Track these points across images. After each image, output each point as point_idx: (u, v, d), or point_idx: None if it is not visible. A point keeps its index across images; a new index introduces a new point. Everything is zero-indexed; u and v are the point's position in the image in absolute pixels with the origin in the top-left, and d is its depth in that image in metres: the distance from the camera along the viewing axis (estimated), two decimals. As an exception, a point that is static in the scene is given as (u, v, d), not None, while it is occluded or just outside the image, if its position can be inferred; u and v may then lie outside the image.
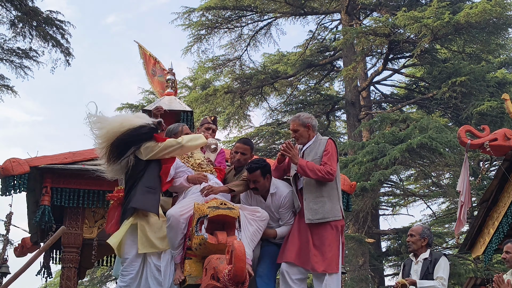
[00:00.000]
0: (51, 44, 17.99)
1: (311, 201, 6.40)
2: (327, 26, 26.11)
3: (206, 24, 24.47)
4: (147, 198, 6.21)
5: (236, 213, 5.98)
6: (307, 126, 6.73)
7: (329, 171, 6.34)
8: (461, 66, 19.97)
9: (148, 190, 6.26)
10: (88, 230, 8.76)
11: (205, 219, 5.89)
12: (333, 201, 6.41)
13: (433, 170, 19.59)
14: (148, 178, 6.29)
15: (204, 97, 24.04)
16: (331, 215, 6.34)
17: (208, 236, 5.83)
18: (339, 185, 6.60)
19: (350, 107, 22.38)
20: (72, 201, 8.49)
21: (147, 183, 6.27)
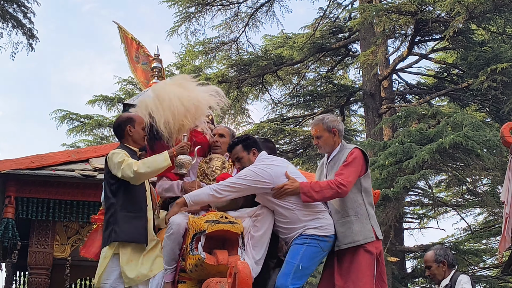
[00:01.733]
0: (11, 24, 18.04)
1: (337, 223, 6.46)
2: (340, 2, 26.11)
3: (196, 0, 24.49)
4: (132, 225, 6.22)
5: (239, 228, 6.01)
6: (332, 132, 6.77)
7: (341, 182, 6.36)
8: (502, 50, 19.97)
9: (132, 215, 6.26)
10: (59, 248, 8.83)
11: (202, 235, 5.92)
12: (362, 220, 6.45)
13: (469, 175, 19.62)
14: (129, 200, 6.32)
15: (193, 87, 24.05)
16: (361, 236, 6.39)
17: (206, 256, 5.87)
18: (369, 201, 6.63)
19: (368, 99, 22.41)
20: (41, 213, 8.55)
21: (129, 205, 6.29)
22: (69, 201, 8.55)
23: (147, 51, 10.84)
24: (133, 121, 6.72)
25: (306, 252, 6.26)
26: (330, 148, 6.77)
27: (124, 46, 11.04)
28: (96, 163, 8.80)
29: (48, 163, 8.63)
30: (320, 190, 6.34)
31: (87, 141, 29.04)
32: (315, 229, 6.33)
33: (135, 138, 6.71)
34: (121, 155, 6.39)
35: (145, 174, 6.27)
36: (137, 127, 6.70)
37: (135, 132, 6.67)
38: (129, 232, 6.19)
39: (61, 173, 8.48)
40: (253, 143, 6.65)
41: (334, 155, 6.73)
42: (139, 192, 6.41)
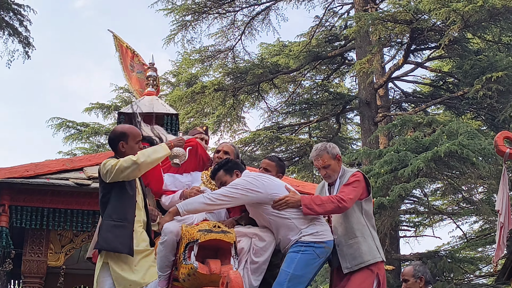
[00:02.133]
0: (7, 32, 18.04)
1: (344, 246, 6.49)
2: (336, 11, 26.22)
3: (192, 9, 24.53)
4: (114, 234, 6.10)
5: (231, 238, 6.01)
6: (337, 158, 6.83)
7: (341, 197, 6.42)
8: (497, 59, 20.01)
9: (115, 224, 6.16)
10: (53, 257, 8.81)
11: (195, 244, 5.92)
12: (368, 240, 6.49)
13: (464, 183, 19.63)
14: (114, 207, 6.24)
15: (189, 95, 24.06)
16: (370, 256, 6.45)
17: (199, 265, 5.86)
18: (372, 223, 6.68)
19: (364, 107, 22.44)
20: (35, 222, 8.53)
21: (114, 214, 6.18)
22: (63, 210, 8.53)
23: (142, 60, 10.84)
24: (126, 137, 6.51)
25: (300, 259, 6.26)
26: (336, 174, 6.82)
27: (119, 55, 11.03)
28: (90, 172, 8.79)
29: (42, 171, 8.62)
30: (321, 204, 6.39)
31: (84, 149, 29.03)
32: (311, 236, 6.34)
33: (128, 153, 6.57)
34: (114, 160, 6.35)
35: (144, 163, 6.17)
36: (130, 142, 6.49)
37: (127, 148, 6.50)
38: (110, 241, 6.08)
39: (55, 181, 8.46)
40: (234, 166, 6.69)
41: (336, 180, 6.79)
42: (126, 202, 6.31)
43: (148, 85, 10.25)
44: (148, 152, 6.29)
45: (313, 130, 27.28)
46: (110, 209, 6.20)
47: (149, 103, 9.82)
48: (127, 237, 6.16)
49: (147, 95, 10.06)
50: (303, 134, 26.95)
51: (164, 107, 9.87)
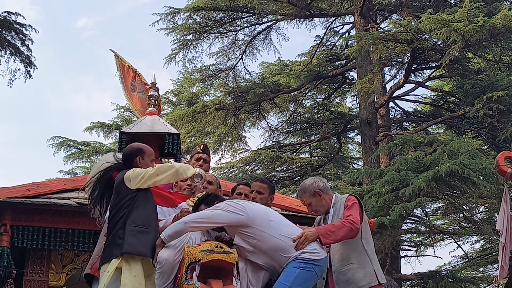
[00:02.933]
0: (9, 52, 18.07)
1: (340, 273, 6.54)
2: (337, 30, 26.31)
3: (193, 28, 24.59)
4: (139, 239, 6.20)
5: (234, 258, 6.02)
6: (317, 194, 6.89)
7: (352, 220, 6.48)
8: (498, 78, 20.03)
9: (141, 229, 6.26)
10: (54, 277, 8.80)
11: (197, 265, 5.92)
12: (365, 265, 6.51)
13: (465, 202, 19.60)
14: (139, 214, 6.32)
15: (190, 114, 24.09)
16: (365, 281, 6.47)
17: (201, 286, 5.87)
18: (370, 247, 6.70)
19: (365, 127, 22.45)
20: (36, 241, 8.52)
21: (138, 220, 6.29)
22: (64, 230, 8.53)
23: (143, 80, 10.86)
24: (143, 153, 6.74)
25: (299, 275, 6.23)
26: (325, 207, 6.89)
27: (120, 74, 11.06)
28: (92, 191, 8.79)
29: (43, 191, 8.62)
30: (335, 230, 6.45)
31: (85, 168, 29.05)
32: (310, 253, 6.33)
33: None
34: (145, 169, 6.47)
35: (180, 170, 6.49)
36: (146, 159, 6.70)
37: (143, 163, 6.65)
38: (136, 245, 6.14)
39: (56, 201, 8.47)
40: (214, 198, 6.74)
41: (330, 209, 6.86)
42: (150, 209, 6.43)
43: (150, 104, 10.27)
44: (180, 164, 6.61)
45: (314, 149, 27.30)
46: (134, 216, 6.27)
47: (150, 123, 9.84)
48: (150, 242, 6.25)
49: (149, 114, 10.08)
50: (304, 153, 26.97)
51: (165, 127, 9.88)
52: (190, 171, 6.58)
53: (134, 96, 11.08)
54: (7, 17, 17.87)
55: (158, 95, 10.43)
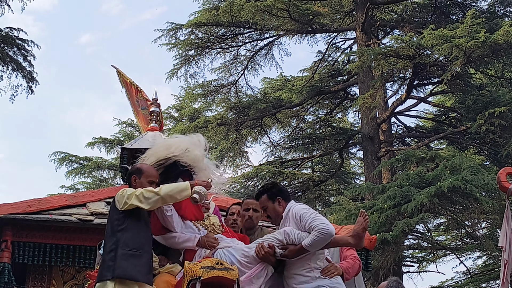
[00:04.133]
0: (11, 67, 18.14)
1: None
2: (339, 46, 26.36)
3: (195, 43, 24.66)
4: (131, 263, 6.14)
5: (234, 275, 6.02)
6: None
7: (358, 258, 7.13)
8: (500, 94, 20.06)
9: (133, 253, 6.21)
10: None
11: (197, 281, 5.92)
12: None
13: (467, 218, 19.60)
14: (131, 237, 6.29)
15: (192, 129, 24.07)
16: None
17: (202, 302, 5.87)
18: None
19: (367, 142, 22.46)
20: (37, 257, 8.50)
21: (131, 243, 6.26)
22: (65, 246, 8.51)
23: (145, 96, 10.87)
24: (141, 173, 6.67)
25: None
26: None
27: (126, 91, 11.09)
28: (93, 208, 8.80)
29: (45, 207, 8.61)
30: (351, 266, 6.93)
31: (86, 183, 29.09)
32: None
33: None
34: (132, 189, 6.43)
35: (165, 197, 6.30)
36: (142, 179, 6.61)
37: (138, 183, 6.58)
38: (127, 269, 6.09)
39: (58, 217, 8.46)
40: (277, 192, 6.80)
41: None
42: (142, 230, 6.38)
43: (152, 120, 10.28)
44: (171, 187, 6.39)
45: (316, 164, 27.31)
46: (127, 238, 6.23)
47: (152, 139, 9.84)
48: (144, 266, 6.22)
49: (150, 130, 10.09)
50: (306, 168, 26.98)
51: (167, 143, 9.88)
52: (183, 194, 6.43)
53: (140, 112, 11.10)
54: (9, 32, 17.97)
55: (160, 111, 10.44)
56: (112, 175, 29.17)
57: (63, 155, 28.34)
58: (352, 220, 17.55)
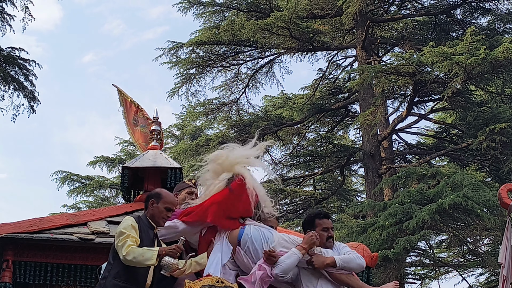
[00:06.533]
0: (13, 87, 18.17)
1: None
2: (340, 63, 26.45)
3: (196, 62, 24.72)
4: None
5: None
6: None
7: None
8: (501, 110, 20.08)
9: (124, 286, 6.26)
10: (57, 313, 8.74)
11: (198, 300, 5.93)
12: None
13: (469, 235, 19.57)
14: (124, 268, 6.32)
15: (194, 148, 24.15)
16: None
17: (202, 321, 5.86)
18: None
19: (368, 159, 22.46)
20: (39, 277, 8.46)
21: (124, 275, 6.30)
22: (67, 265, 8.47)
23: (146, 114, 10.86)
24: (160, 198, 6.70)
25: None
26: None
27: (123, 110, 11.08)
28: (94, 227, 8.77)
29: (46, 226, 8.58)
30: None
31: (88, 202, 29.08)
32: None
33: (154, 213, 6.67)
34: (128, 225, 6.43)
35: (131, 262, 6.26)
36: (160, 205, 6.66)
37: (155, 208, 6.64)
38: None
39: (59, 236, 8.43)
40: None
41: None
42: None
43: (152, 139, 10.29)
44: (139, 253, 6.31)
45: (318, 182, 27.30)
46: (120, 269, 6.26)
47: (153, 157, 9.85)
48: None
49: (151, 149, 10.09)
50: (308, 186, 26.96)
51: (167, 161, 9.89)
52: (148, 263, 6.37)
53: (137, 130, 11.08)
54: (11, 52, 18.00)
55: (160, 130, 10.44)
56: (114, 194, 29.16)
57: (64, 174, 28.34)
58: (353, 237, 17.55)
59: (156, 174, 9.79)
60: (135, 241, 6.32)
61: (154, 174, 9.81)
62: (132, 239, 6.33)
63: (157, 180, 9.81)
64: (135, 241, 6.32)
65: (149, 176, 9.85)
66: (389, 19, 23.95)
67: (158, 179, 9.81)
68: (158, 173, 9.78)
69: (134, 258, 6.22)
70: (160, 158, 9.90)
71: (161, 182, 9.78)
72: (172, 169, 9.71)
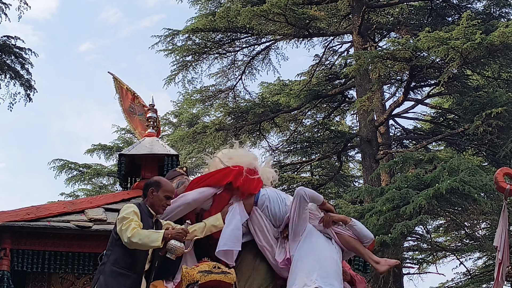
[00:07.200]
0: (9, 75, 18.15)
1: None
2: (336, 49, 26.35)
3: (193, 49, 24.64)
4: (117, 282, 6.21)
5: (232, 278, 6.04)
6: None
7: None
8: (497, 94, 20.07)
9: (121, 272, 6.27)
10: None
11: (195, 286, 5.93)
12: None
13: (467, 219, 19.60)
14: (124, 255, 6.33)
15: (191, 135, 24.13)
16: None
17: (200, 307, 5.88)
18: None
19: (365, 145, 22.46)
20: (36, 265, 8.48)
21: (123, 261, 6.31)
22: (64, 253, 8.49)
23: (142, 102, 10.85)
24: (159, 186, 6.73)
25: None
26: None
27: (119, 97, 11.08)
28: (91, 214, 8.79)
29: (43, 214, 8.60)
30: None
31: (86, 190, 29.08)
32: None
33: (154, 202, 6.69)
34: (130, 211, 6.44)
35: (136, 244, 6.26)
36: (160, 193, 6.68)
37: (155, 196, 6.67)
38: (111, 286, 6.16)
39: (56, 224, 8.44)
40: None
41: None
42: (138, 253, 6.39)
43: (149, 126, 10.30)
44: (145, 235, 6.32)
45: (315, 168, 27.30)
46: (119, 256, 6.27)
47: (149, 144, 9.87)
48: (130, 287, 6.23)
49: (148, 136, 10.11)
50: (305, 172, 26.96)
51: (164, 148, 9.90)
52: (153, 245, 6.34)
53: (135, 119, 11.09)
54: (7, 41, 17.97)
55: (157, 117, 10.45)
56: (112, 182, 29.17)
57: (62, 163, 28.32)
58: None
59: (153, 161, 9.81)
60: (138, 225, 6.35)
61: (151, 161, 9.83)
62: (136, 222, 6.37)
63: (154, 167, 9.83)
64: (138, 225, 6.35)
65: (146, 163, 9.88)
66: (385, 4, 23.90)
67: (155, 166, 9.83)
68: (155, 160, 9.80)
69: (139, 240, 6.23)
70: (157, 145, 9.92)
71: (158, 169, 9.80)
72: (169, 156, 9.73)
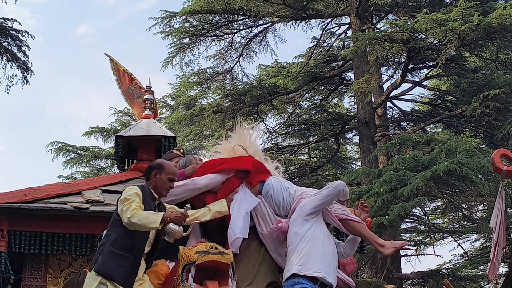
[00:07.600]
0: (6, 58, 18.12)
1: None
2: (334, 31, 26.33)
3: (190, 31, 24.59)
4: (115, 262, 6.25)
5: (229, 259, 6.04)
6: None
7: None
8: (495, 76, 20.04)
9: (119, 253, 6.29)
10: (52, 281, 8.75)
11: (192, 266, 5.94)
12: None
13: (464, 201, 19.62)
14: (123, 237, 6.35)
15: (188, 117, 24.10)
16: None
17: (197, 287, 5.88)
18: None
19: (363, 127, 22.46)
20: (34, 246, 8.48)
21: (121, 243, 6.33)
22: (61, 234, 8.48)
23: (139, 83, 10.82)
24: (162, 169, 6.74)
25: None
26: None
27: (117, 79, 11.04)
28: (88, 196, 8.78)
29: (40, 196, 8.59)
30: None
31: (84, 173, 29.08)
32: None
33: (157, 184, 6.71)
34: (132, 193, 6.46)
35: (135, 225, 6.27)
36: (163, 176, 6.70)
37: (159, 179, 6.69)
38: (109, 267, 6.18)
39: (53, 205, 8.44)
40: None
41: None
42: (137, 235, 6.40)
43: (146, 108, 10.28)
44: (144, 216, 6.33)
45: (313, 150, 27.30)
46: (118, 237, 6.30)
47: (146, 126, 9.86)
48: (127, 268, 6.28)
49: (145, 118, 10.10)
50: (303, 154, 26.97)
51: (161, 130, 9.89)
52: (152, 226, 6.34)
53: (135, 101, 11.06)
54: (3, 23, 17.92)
55: (154, 99, 10.43)
56: (110, 164, 29.17)
57: (60, 145, 28.28)
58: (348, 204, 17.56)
59: (150, 143, 9.81)
60: (139, 207, 6.36)
61: (148, 143, 9.83)
62: (137, 204, 6.39)
63: (151, 149, 9.83)
64: (139, 207, 6.36)
65: (143, 145, 9.87)
66: (382, -14, 23.85)
67: (152, 148, 9.83)
68: (152, 142, 9.79)
69: (139, 221, 6.24)
70: (154, 127, 9.91)
71: (155, 151, 9.79)
72: (166, 138, 9.72)
